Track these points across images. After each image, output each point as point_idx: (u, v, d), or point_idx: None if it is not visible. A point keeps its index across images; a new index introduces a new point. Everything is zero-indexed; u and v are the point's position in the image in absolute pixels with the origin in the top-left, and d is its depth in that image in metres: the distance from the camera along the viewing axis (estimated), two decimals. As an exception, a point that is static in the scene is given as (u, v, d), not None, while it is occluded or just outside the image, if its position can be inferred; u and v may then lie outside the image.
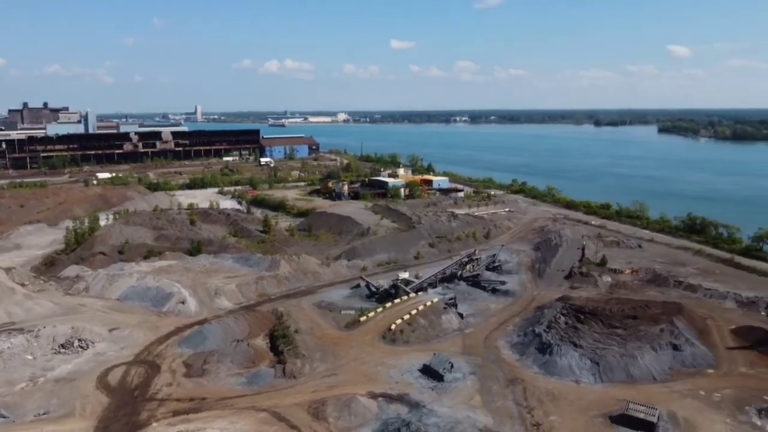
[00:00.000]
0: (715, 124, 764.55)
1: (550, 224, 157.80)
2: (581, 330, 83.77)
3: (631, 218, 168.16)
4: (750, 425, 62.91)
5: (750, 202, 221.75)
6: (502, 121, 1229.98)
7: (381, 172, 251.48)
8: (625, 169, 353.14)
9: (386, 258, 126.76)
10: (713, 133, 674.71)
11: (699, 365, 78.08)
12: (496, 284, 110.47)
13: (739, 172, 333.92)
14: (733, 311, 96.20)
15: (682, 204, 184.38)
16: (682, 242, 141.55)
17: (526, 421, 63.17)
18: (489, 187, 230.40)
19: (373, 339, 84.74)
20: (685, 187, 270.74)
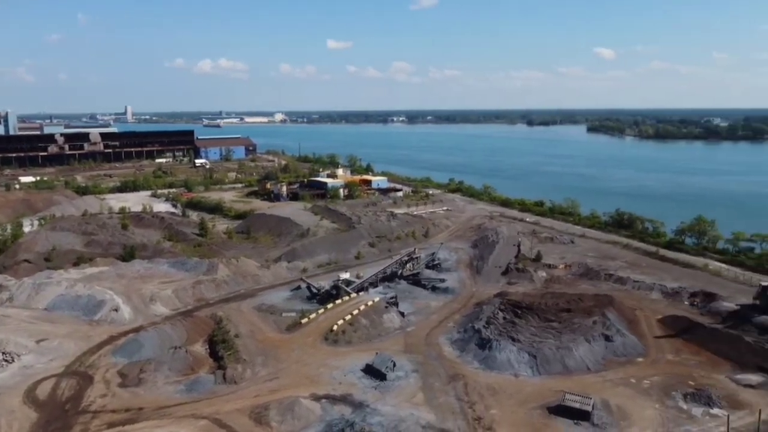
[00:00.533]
0: (639, 123, 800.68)
1: (487, 222, 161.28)
2: (519, 324, 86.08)
3: (564, 215, 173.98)
4: (676, 409, 66.36)
5: (672, 198, 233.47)
6: (438, 121, 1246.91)
7: (320, 172, 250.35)
8: (557, 167, 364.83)
9: (327, 259, 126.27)
10: (638, 132, 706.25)
11: (629, 354, 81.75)
12: (435, 282, 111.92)
13: (661, 169, 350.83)
14: (659, 302, 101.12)
15: (611, 200, 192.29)
16: (611, 237, 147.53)
17: (468, 415, 64.37)
18: (427, 187, 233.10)
19: (315, 340, 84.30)
20: (613, 184, 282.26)
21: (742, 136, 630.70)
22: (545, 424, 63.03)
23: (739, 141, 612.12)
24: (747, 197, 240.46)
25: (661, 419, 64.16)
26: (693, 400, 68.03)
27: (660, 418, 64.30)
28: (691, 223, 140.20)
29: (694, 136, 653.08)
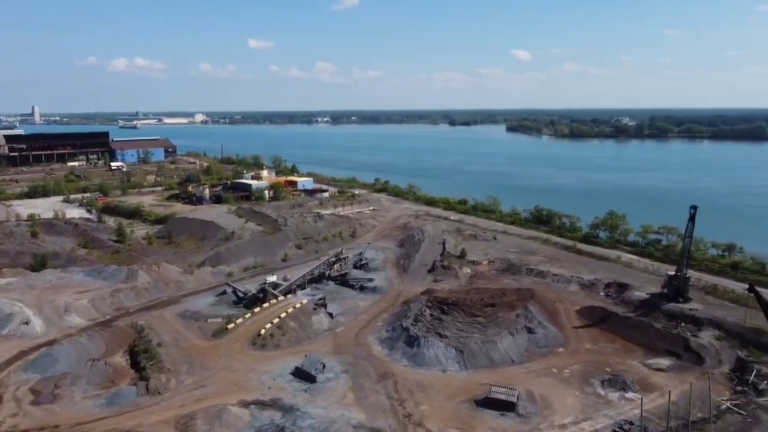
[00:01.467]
0: (555, 123, 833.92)
1: (413, 221, 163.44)
2: (445, 321, 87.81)
3: (486, 212, 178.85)
4: (595, 395, 69.78)
5: (587, 194, 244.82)
6: (363, 122, 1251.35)
7: (244, 174, 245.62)
8: (479, 166, 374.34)
9: (253, 262, 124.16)
10: (553, 132, 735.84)
11: (550, 345, 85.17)
12: (363, 282, 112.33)
13: (577, 167, 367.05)
14: (577, 293, 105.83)
15: (531, 197, 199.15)
16: (531, 233, 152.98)
17: (398, 413, 65.07)
18: (353, 187, 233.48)
19: (243, 346, 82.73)
20: (532, 181, 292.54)
21: (648, 135, 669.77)
22: (473, 417, 64.66)
23: (645, 139, 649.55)
24: (654, 192, 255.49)
25: (581, 406, 67.28)
26: (609, 385, 71.76)
27: (580, 405, 67.42)
28: (604, 217, 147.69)
29: (606, 134, 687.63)
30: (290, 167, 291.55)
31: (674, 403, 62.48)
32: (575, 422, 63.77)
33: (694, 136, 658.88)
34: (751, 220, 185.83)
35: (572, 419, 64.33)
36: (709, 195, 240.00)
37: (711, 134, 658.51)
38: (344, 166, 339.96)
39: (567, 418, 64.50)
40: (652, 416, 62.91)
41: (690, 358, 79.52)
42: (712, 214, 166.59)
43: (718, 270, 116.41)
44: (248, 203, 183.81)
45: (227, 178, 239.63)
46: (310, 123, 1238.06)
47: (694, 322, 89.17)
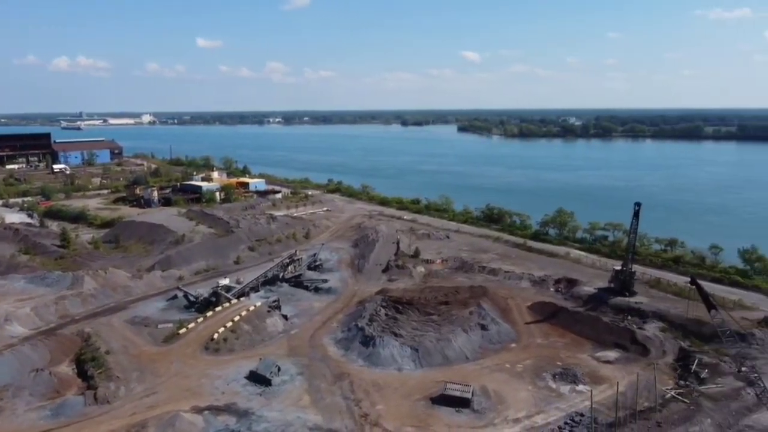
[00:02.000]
0: (504, 123, 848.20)
1: (367, 221, 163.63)
2: (400, 320, 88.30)
3: (439, 211, 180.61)
4: (547, 389, 71.47)
5: (536, 192, 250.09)
6: (315, 122, 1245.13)
7: (194, 175, 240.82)
8: (432, 165, 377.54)
9: (204, 265, 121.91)
10: (503, 132, 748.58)
11: (503, 341, 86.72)
12: (318, 283, 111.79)
13: (526, 166, 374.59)
14: (528, 290, 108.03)
15: (482, 196, 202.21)
16: (483, 231, 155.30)
17: (355, 413, 65.10)
18: (306, 188, 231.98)
19: (195, 351, 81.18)
20: (483, 180, 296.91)
21: (594, 134, 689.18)
22: (429, 415, 65.26)
23: (591, 139, 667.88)
24: (600, 190, 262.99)
25: (533, 399, 68.80)
26: (561, 379, 73.62)
27: (533, 399, 68.93)
28: (553, 215, 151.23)
29: (553, 134, 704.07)
30: (242, 168, 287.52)
31: (622, 394, 64.59)
32: (528, 416, 65.17)
33: (637, 135, 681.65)
34: (690, 216, 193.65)
35: (525, 413, 65.71)
36: (652, 192, 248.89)
37: (652, 134, 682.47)
38: (297, 167, 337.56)
39: (520, 412, 65.83)
40: (601, 407, 64.82)
41: (636, 350, 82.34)
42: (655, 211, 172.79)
43: (661, 264, 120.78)
44: (199, 205, 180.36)
45: (176, 180, 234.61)
46: (262, 123, 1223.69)
47: (640, 315, 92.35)
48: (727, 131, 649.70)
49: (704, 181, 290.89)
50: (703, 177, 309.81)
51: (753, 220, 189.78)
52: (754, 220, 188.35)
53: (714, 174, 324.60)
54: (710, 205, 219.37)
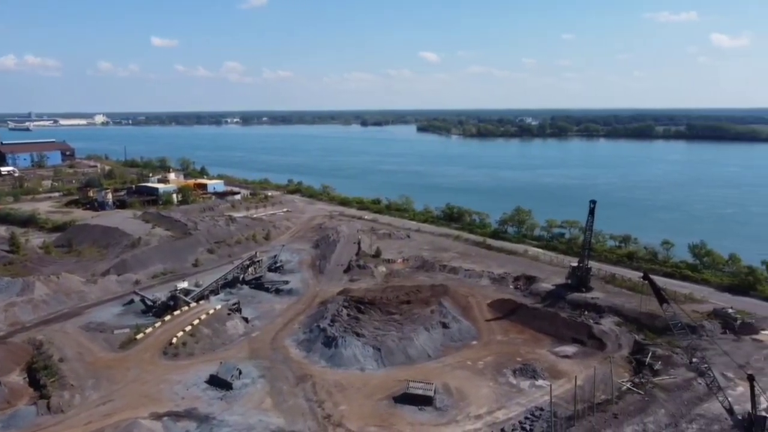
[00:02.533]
0: (463, 123, 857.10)
1: (328, 222, 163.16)
2: (362, 320, 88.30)
3: (400, 211, 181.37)
4: (508, 385, 72.57)
5: (495, 191, 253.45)
6: (274, 122, 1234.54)
7: (150, 177, 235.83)
8: (392, 165, 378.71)
9: (162, 268, 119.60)
10: (462, 131, 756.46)
11: (465, 339, 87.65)
12: (279, 284, 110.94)
13: (485, 165, 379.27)
14: (488, 287, 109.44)
15: (442, 195, 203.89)
16: (443, 230, 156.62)
17: (318, 415, 64.84)
18: (266, 189, 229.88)
19: (154, 356, 79.55)
20: (443, 180, 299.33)
21: (550, 134, 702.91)
22: (392, 414, 65.48)
23: (547, 138, 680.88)
24: (557, 188, 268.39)
25: (495, 395, 69.76)
26: (521, 374, 74.86)
27: (494, 395, 69.89)
28: (511, 213, 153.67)
29: (511, 134, 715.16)
30: (199, 169, 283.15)
31: (580, 388, 66.06)
32: (490, 412, 66.05)
33: (592, 134, 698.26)
34: (643, 213, 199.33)
35: (487, 409, 66.58)
36: (607, 190, 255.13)
37: (606, 133, 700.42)
38: (256, 168, 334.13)
39: (482, 409, 66.67)
40: (560, 401, 66.16)
41: (593, 344, 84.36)
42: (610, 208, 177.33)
43: (615, 260, 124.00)
44: (155, 207, 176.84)
45: (132, 182, 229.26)
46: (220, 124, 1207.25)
47: (596, 310, 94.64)
48: (677, 131, 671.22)
49: (656, 179, 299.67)
50: (655, 175, 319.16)
51: (702, 216, 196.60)
52: (703, 217, 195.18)
53: (665, 172, 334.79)
54: (662, 202, 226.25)
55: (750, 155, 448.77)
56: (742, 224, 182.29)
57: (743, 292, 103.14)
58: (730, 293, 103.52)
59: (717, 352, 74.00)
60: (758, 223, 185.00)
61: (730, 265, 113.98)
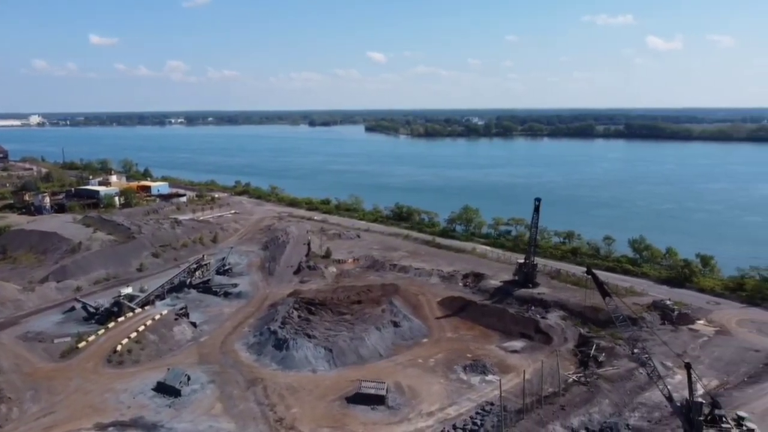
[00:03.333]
0: (411, 123, 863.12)
1: (277, 223, 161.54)
2: (313, 321, 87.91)
3: (349, 211, 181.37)
4: (458, 381, 73.61)
5: (444, 190, 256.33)
6: (220, 123, 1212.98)
7: (90, 180, 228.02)
8: (341, 165, 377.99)
9: (104, 274, 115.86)
10: (410, 131, 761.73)
11: (416, 337, 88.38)
12: (228, 288, 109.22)
13: (433, 164, 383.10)
14: (437, 285, 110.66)
15: (391, 195, 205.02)
16: (393, 229, 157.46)
17: (270, 418, 64.16)
18: (212, 190, 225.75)
19: (97, 365, 76.98)
20: (392, 179, 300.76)
21: (495, 133, 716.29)
22: (344, 414, 65.43)
23: (493, 137, 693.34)
24: (503, 187, 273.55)
25: (446, 392, 70.64)
26: (471, 370, 76.07)
27: (445, 392, 70.77)
28: (459, 212, 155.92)
29: (458, 133, 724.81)
30: (143, 171, 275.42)
31: (528, 381, 67.60)
32: (441, 408, 66.84)
33: (536, 134, 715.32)
34: (586, 210, 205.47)
35: (438, 406, 67.35)
36: (551, 188, 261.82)
37: (549, 132, 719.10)
38: (202, 169, 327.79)
39: (434, 406, 67.40)
40: (510, 395, 67.61)
41: (540, 339, 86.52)
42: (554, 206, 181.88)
43: (560, 256, 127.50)
44: (96, 211, 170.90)
45: (71, 185, 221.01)
46: (163, 124, 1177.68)
47: (543, 305, 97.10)
48: (616, 130, 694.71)
49: (598, 177, 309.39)
50: (597, 173, 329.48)
51: (641, 212, 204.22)
52: (643, 213, 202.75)
53: (606, 170, 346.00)
54: (604, 199, 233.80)
55: (684, 153, 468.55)
56: (678, 219, 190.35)
57: (680, 284, 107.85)
58: (668, 285, 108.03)
59: (656, 342, 77.07)
60: (693, 218, 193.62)
61: (668, 259, 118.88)
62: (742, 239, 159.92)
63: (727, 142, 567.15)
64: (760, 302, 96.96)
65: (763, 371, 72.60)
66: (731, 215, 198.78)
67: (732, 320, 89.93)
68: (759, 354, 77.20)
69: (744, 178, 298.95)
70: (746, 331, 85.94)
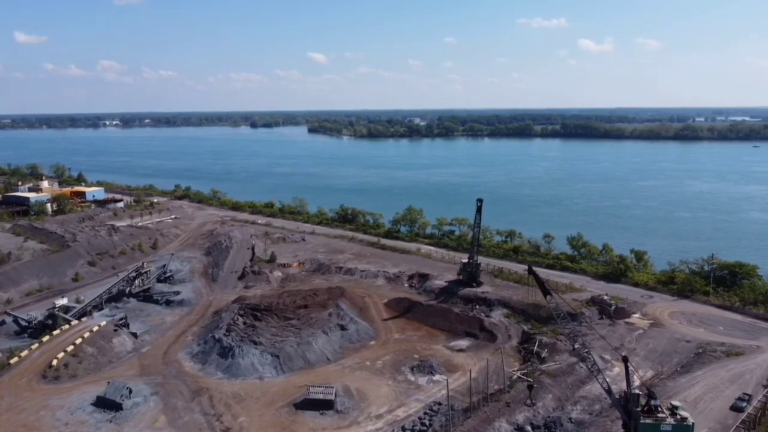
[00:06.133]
0: (353, 123, 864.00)
1: (219, 227, 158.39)
2: (259, 327, 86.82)
3: (293, 214, 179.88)
4: (406, 382, 74.28)
5: (389, 191, 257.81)
6: (157, 125, 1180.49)
7: (19, 186, 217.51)
8: (285, 168, 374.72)
9: (37, 285, 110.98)
10: (353, 132, 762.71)
11: (363, 339, 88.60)
12: (169, 296, 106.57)
13: (378, 165, 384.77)
14: (383, 287, 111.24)
15: (336, 197, 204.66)
16: (338, 231, 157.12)
17: (216, 429, 63.05)
18: (151, 195, 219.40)
19: (31, 381, 73.63)
20: (337, 181, 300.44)
21: (437, 134, 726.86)
22: (293, 421, 64.95)
23: (435, 138, 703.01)
24: (447, 186, 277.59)
25: (394, 394, 71.14)
26: (419, 371, 76.88)
27: (393, 393, 71.27)
28: (403, 213, 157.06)
29: (400, 134, 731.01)
30: (76, 176, 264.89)
31: (475, 380, 68.93)
32: (390, 410, 67.30)
33: (476, 134, 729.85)
34: (527, 208, 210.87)
35: (387, 408, 67.78)
36: (494, 187, 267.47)
37: (489, 132, 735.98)
38: (140, 173, 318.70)
39: (382, 408, 67.77)
40: (457, 394, 68.66)
41: (485, 337, 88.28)
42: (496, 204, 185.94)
43: (502, 254, 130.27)
44: (26, 219, 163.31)
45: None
46: (97, 127, 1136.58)
47: (487, 304, 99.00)
48: (553, 129, 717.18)
49: (539, 176, 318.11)
50: (538, 172, 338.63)
51: (579, 210, 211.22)
52: (580, 210, 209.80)
53: (546, 169, 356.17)
54: (545, 197, 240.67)
55: (618, 151, 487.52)
56: (614, 216, 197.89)
57: (616, 279, 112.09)
58: (605, 281, 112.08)
59: (595, 336, 79.93)
60: (629, 215, 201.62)
61: (604, 255, 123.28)
62: (673, 234, 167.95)
63: (656, 141, 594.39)
64: (690, 294, 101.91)
65: (694, 361, 76.37)
66: (664, 211, 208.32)
67: (665, 313, 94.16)
68: (689, 344, 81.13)
69: (674, 175, 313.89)
70: (677, 323, 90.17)
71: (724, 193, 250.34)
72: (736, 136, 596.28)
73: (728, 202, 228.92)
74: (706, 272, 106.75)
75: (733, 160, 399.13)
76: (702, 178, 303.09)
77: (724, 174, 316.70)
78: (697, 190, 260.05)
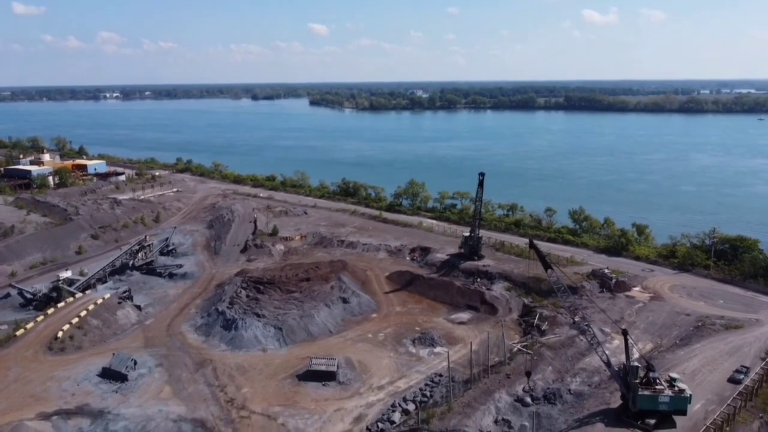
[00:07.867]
0: (355, 96, 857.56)
1: (221, 201, 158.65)
2: (262, 300, 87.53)
3: (295, 187, 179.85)
4: (408, 354, 75.05)
5: (391, 165, 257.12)
6: (158, 97, 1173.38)
7: (21, 159, 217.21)
8: (288, 141, 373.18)
9: (41, 258, 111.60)
10: (355, 105, 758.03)
11: (365, 312, 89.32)
12: (172, 269, 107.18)
13: (380, 138, 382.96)
14: (385, 260, 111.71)
15: (338, 170, 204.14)
16: (340, 205, 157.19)
17: (220, 399, 63.92)
18: (153, 168, 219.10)
19: (37, 352, 74.52)
20: (339, 154, 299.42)
21: (440, 106, 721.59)
22: (296, 392, 65.82)
23: (437, 110, 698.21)
24: (450, 160, 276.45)
25: (395, 365, 71.94)
26: (420, 343, 77.63)
27: (395, 365, 72.07)
28: (405, 186, 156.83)
29: (402, 106, 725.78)
30: (78, 149, 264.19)
31: (475, 352, 69.63)
32: (392, 381, 68.13)
33: (479, 106, 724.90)
34: (529, 182, 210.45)
35: (389, 379, 68.60)
36: (498, 161, 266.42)
37: (492, 104, 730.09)
38: (142, 146, 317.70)
39: (384, 379, 68.60)
40: (458, 366, 69.43)
41: (486, 310, 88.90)
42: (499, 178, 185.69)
43: (504, 228, 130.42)
44: (29, 192, 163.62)
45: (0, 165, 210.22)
46: (98, 99, 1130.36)
47: (488, 277, 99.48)
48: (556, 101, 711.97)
49: (544, 149, 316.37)
50: (542, 145, 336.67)
51: (582, 183, 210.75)
52: (583, 184, 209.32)
53: (551, 142, 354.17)
54: (549, 171, 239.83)
55: (622, 124, 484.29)
56: (617, 190, 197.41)
57: (617, 253, 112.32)
58: (606, 254, 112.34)
59: (595, 309, 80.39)
60: (631, 188, 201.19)
61: (606, 229, 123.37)
62: (676, 208, 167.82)
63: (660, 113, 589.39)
64: (691, 268, 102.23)
65: (693, 334, 76.96)
66: (668, 185, 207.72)
67: (665, 286, 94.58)
68: (689, 318, 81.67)
69: (679, 148, 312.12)
70: (678, 296, 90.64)
71: (729, 167, 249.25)
72: (741, 108, 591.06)
73: (733, 175, 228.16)
74: (707, 246, 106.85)
75: (738, 133, 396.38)
76: (707, 151, 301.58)
77: (729, 147, 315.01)
78: (702, 164, 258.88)
